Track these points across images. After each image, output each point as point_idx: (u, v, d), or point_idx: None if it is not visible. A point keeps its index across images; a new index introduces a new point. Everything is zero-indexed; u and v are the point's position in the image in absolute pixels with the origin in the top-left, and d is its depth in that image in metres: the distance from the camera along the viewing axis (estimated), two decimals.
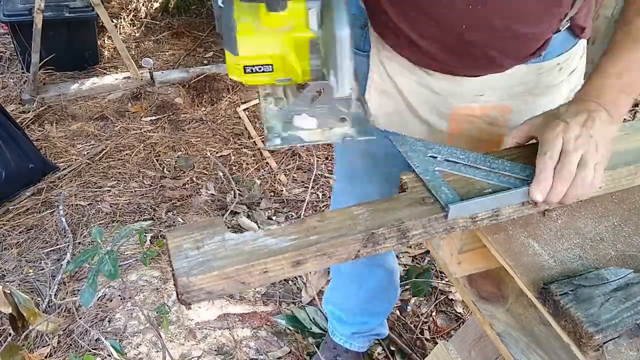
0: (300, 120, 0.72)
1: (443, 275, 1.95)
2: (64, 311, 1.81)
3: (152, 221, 2.17)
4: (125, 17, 3.69)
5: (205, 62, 3.35)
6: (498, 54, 0.87)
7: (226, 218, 2.21)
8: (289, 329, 1.75)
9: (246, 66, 0.71)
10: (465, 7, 0.81)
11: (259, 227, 2.23)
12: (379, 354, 1.74)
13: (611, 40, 0.80)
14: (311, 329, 1.75)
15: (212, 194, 2.35)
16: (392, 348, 1.75)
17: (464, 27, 0.84)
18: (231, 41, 0.70)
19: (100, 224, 2.15)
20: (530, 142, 0.81)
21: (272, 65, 0.71)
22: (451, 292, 1.92)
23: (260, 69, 0.71)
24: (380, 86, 0.97)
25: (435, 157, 0.77)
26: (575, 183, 0.71)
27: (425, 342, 1.78)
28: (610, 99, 0.77)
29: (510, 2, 0.81)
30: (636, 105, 2.95)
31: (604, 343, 0.58)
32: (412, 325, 1.82)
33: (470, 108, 0.95)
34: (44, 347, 1.70)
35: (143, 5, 3.81)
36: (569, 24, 0.90)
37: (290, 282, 1.96)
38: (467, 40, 0.85)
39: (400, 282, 1.93)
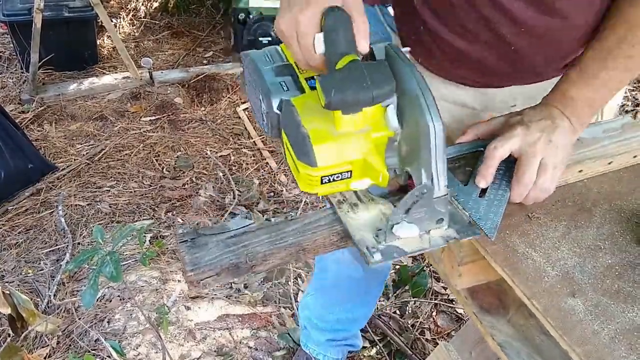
0: (401, 230, 0.66)
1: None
2: (63, 312, 1.81)
3: (151, 221, 2.17)
4: (125, 16, 3.69)
5: (204, 61, 3.35)
6: (544, 62, 0.87)
7: (225, 218, 2.21)
8: (290, 346, 1.74)
9: (324, 177, 0.64)
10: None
11: None
12: (378, 354, 1.74)
13: (583, 54, 0.80)
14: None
15: (211, 194, 2.34)
16: (392, 348, 1.75)
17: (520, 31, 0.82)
18: (305, 152, 0.63)
19: (99, 224, 2.14)
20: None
21: (351, 171, 0.65)
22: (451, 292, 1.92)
23: (338, 177, 0.65)
24: None
25: None
26: (534, 187, 0.74)
27: (426, 342, 1.77)
28: (574, 110, 0.79)
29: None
30: (637, 105, 2.95)
31: (202, 280, 0.66)
32: (412, 326, 1.82)
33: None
34: (43, 347, 1.69)
35: (142, 4, 3.80)
36: None
37: (289, 282, 1.95)
38: (519, 46, 0.84)
39: (395, 283, 1.93)
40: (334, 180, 0.65)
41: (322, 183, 0.65)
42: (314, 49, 0.64)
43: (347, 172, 0.65)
